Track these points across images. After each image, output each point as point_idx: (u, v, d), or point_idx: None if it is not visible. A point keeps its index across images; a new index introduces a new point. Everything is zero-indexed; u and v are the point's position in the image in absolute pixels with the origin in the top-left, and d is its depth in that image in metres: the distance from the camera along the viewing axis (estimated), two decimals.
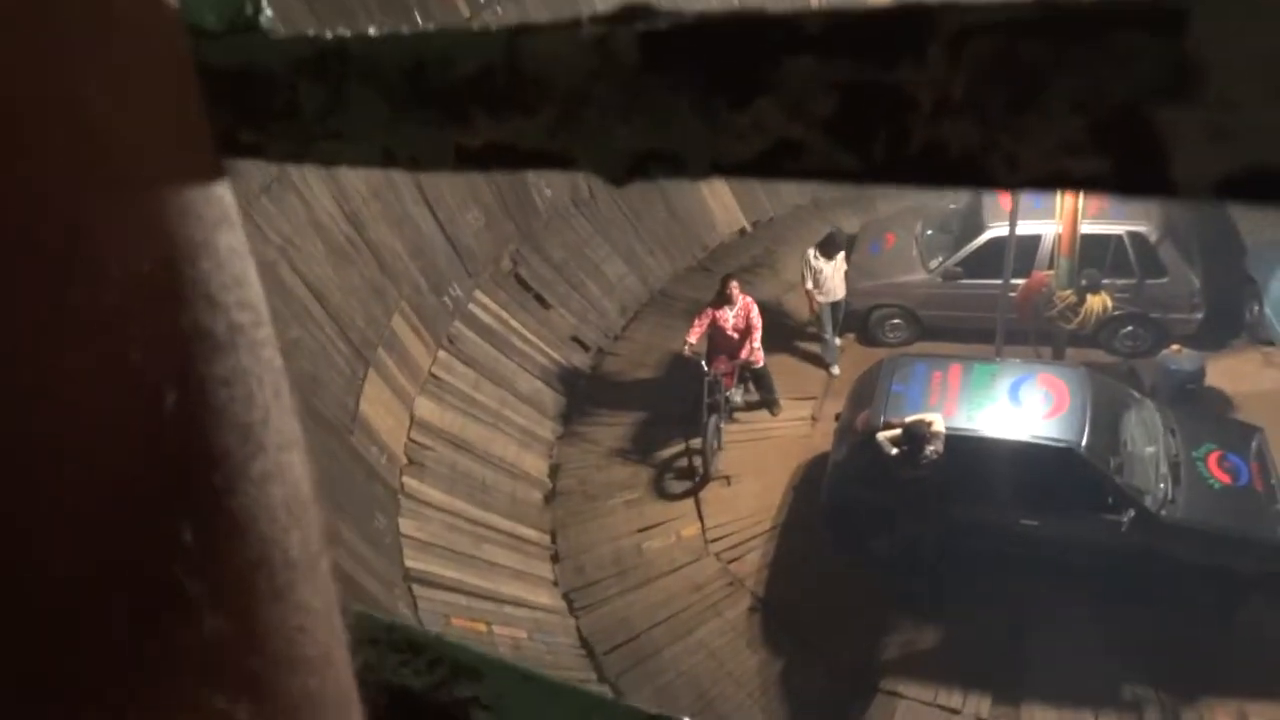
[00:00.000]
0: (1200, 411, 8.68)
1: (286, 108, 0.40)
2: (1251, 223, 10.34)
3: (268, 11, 0.43)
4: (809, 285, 9.76)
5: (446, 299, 9.76)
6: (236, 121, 0.41)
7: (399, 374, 9.02)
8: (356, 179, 8.81)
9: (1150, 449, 7.94)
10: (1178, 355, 8.93)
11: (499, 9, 10.11)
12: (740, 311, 9.10)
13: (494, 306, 10.17)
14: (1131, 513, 7.45)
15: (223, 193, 0.34)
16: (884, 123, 0.29)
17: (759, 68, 0.30)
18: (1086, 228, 9.00)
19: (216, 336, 0.30)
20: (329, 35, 0.39)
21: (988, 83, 0.28)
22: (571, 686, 0.56)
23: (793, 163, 0.31)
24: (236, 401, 0.31)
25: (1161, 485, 7.66)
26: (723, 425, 9.41)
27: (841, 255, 9.83)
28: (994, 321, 9.07)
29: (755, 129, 0.31)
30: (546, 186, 10.80)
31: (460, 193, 9.92)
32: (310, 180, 8.33)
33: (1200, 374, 8.88)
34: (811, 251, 9.79)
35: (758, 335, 9.18)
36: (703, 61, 0.31)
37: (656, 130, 0.33)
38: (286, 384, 0.34)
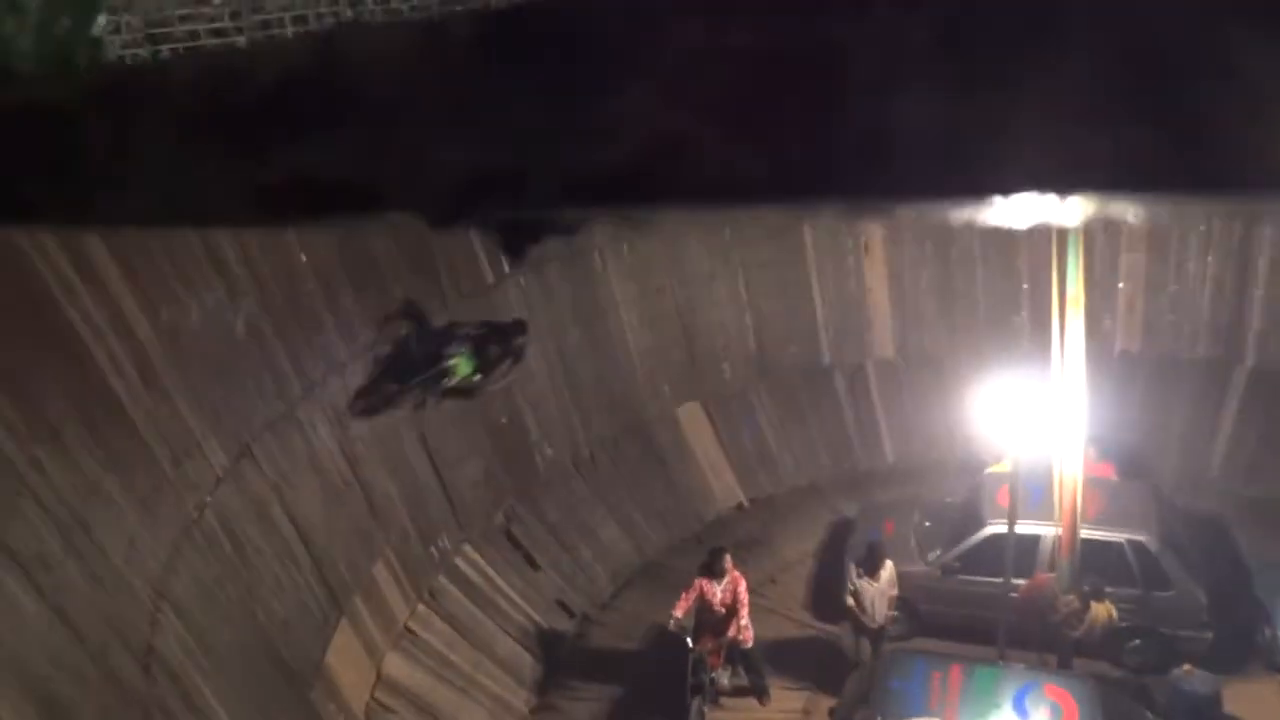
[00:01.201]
0: None
1: (71, 152, 0.34)
2: (1255, 544, 10.23)
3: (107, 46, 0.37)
4: (851, 604, 9.08)
5: (434, 550, 9.54)
6: (17, 171, 0.35)
7: (372, 625, 8.60)
8: (363, 424, 8.94)
9: None
10: (1191, 676, 8.47)
11: None
12: (728, 585, 8.82)
13: (481, 563, 9.91)
14: None
15: None
16: (809, 104, 0.20)
17: (634, 39, 0.22)
18: (1086, 532, 8.91)
19: None
20: (129, 60, 0.34)
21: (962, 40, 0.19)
22: None
23: (674, 173, 0.23)
24: None
25: None
26: (706, 709, 8.79)
27: (889, 571, 9.03)
28: (994, 619, 8.72)
29: (624, 124, 0.22)
30: (549, 446, 10.92)
31: (461, 443, 10.02)
32: (317, 421, 8.46)
33: (1216, 698, 8.37)
34: (853, 569, 9.11)
35: (745, 612, 8.83)
36: (558, 40, 0.23)
37: (492, 141, 0.25)
38: None
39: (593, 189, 0.25)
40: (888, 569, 9.01)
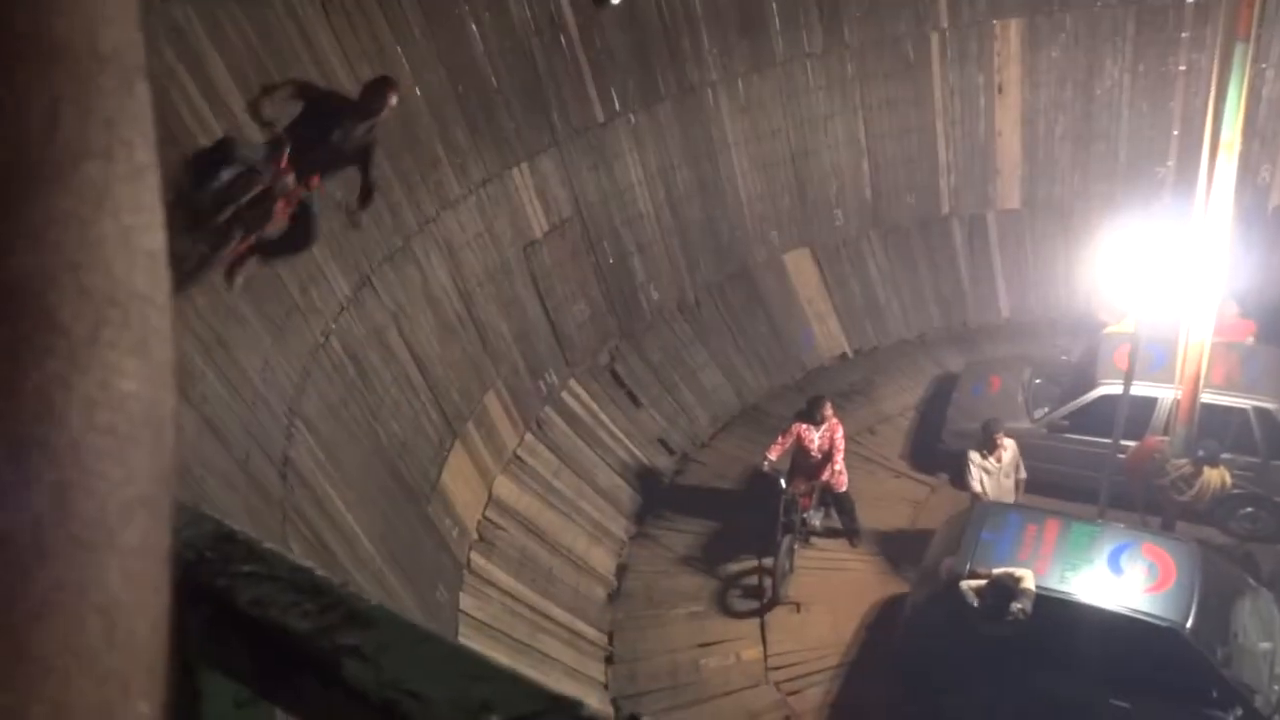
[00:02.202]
0: None
1: None
2: None
3: None
4: (976, 487, 8.62)
5: (542, 384, 9.94)
6: None
7: (484, 450, 9.15)
8: (475, 260, 9.20)
9: (1265, 645, 7.26)
10: None
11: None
12: (826, 432, 8.93)
13: (586, 397, 10.29)
14: (1239, 711, 6.77)
15: None
16: None
17: None
18: (1208, 397, 8.53)
19: None
20: None
21: None
22: (467, 650, 0.53)
23: None
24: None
25: (1276, 687, 6.95)
26: (797, 547, 9.12)
27: (1012, 453, 8.62)
28: (1098, 481, 8.59)
29: None
30: (654, 289, 11.01)
31: (571, 285, 10.22)
32: (432, 255, 8.74)
33: None
34: (974, 454, 8.70)
35: (840, 458, 8.96)
36: None
37: None
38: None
39: None
40: (1010, 450, 8.66)
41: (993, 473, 8.68)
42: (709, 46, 10.59)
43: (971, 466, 8.69)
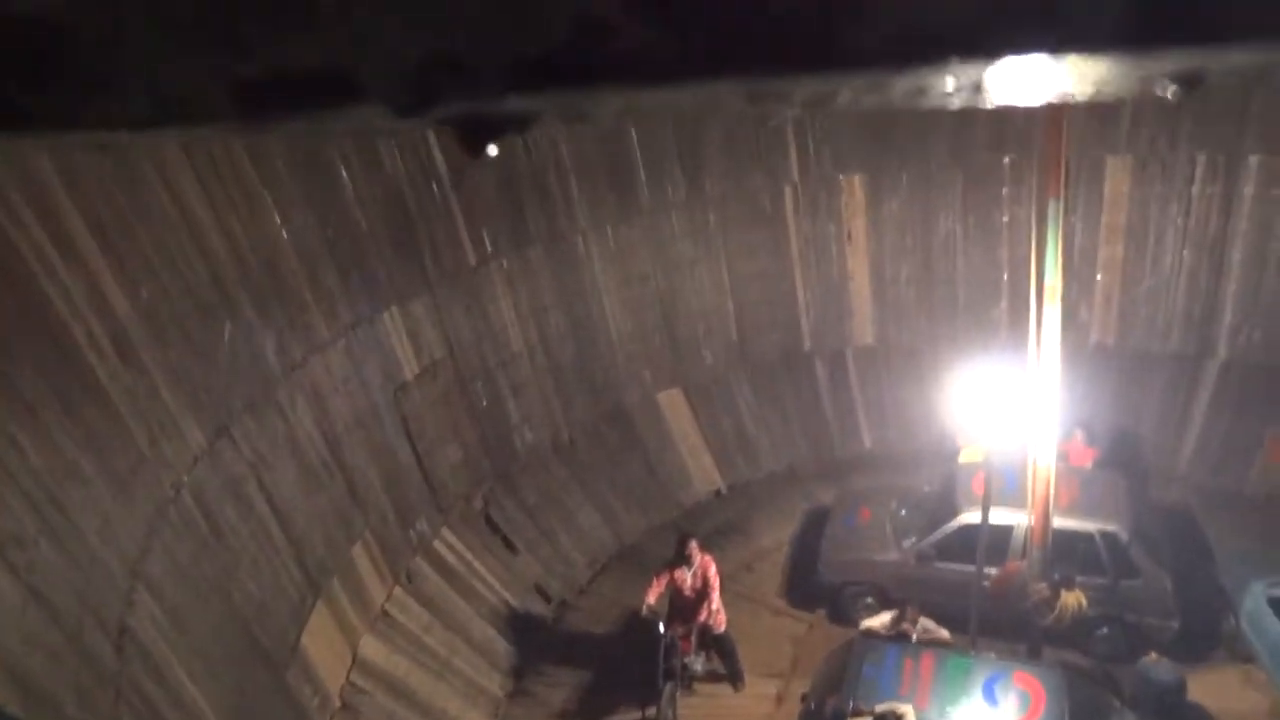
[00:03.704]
0: None
1: (58, 57, 0.35)
2: (1222, 534, 10.43)
3: None
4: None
5: (412, 532, 9.53)
6: (4, 79, 0.36)
7: (349, 608, 8.60)
8: (343, 405, 8.90)
9: None
10: (1156, 664, 8.64)
11: None
12: (698, 571, 8.87)
13: (459, 545, 9.92)
14: None
15: None
16: None
17: None
18: (1058, 522, 9.03)
19: None
20: None
21: None
22: None
23: (599, 55, 0.26)
24: None
25: None
26: (679, 694, 8.87)
27: (922, 625, 8.60)
28: (968, 606, 8.84)
29: (557, 11, 0.26)
30: (529, 430, 10.92)
31: (443, 427, 10.00)
32: (297, 401, 8.40)
33: (1181, 686, 8.55)
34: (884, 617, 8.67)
35: (716, 596, 8.89)
36: None
37: (445, 29, 0.27)
38: None
39: (533, 72, 0.28)
40: (920, 624, 8.66)
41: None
42: (578, 195, 10.99)
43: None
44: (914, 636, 8.46)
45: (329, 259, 8.71)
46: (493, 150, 0.42)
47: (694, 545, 8.93)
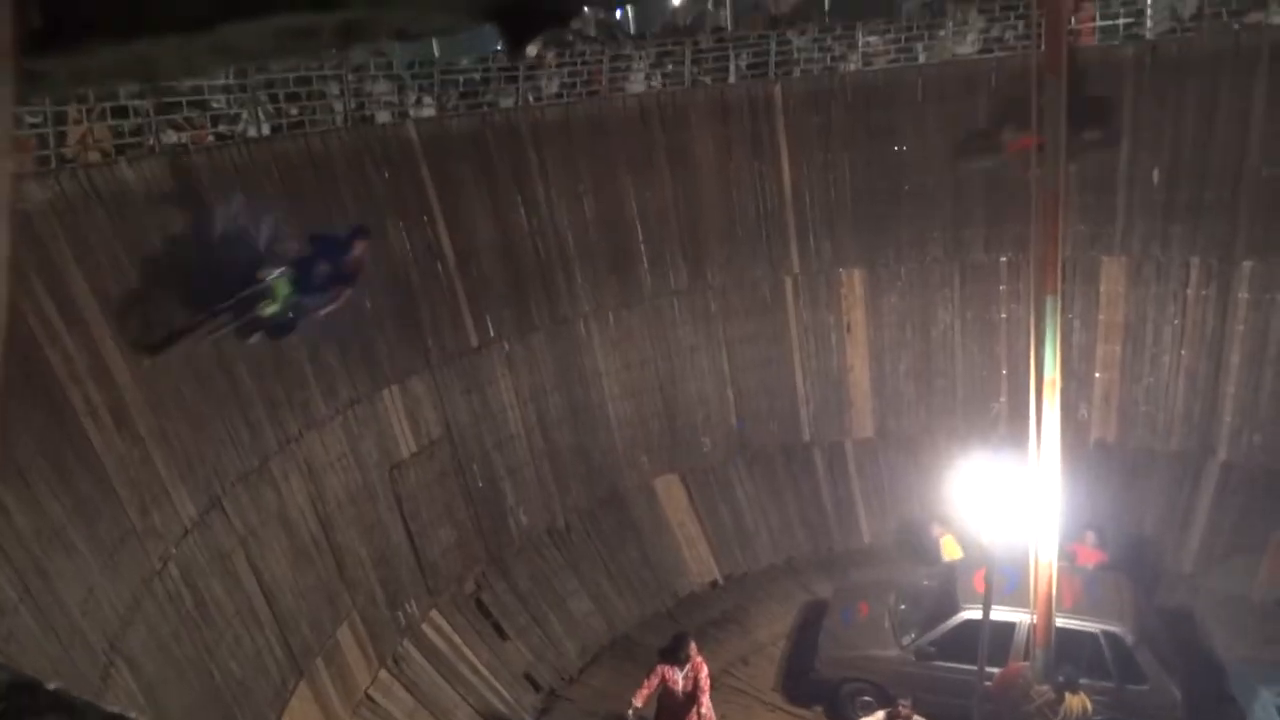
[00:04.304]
0: None
1: None
2: (1226, 635, 10.18)
3: None
4: None
5: (400, 614, 9.34)
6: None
7: (332, 690, 8.36)
8: (337, 482, 8.84)
9: None
10: None
11: None
12: (690, 671, 8.58)
13: (448, 629, 9.70)
14: None
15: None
16: None
17: None
18: (1061, 621, 8.83)
19: None
20: None
21: None
22: None
23: None
24: None
25: None
26: None
27: None
28: (969, 707, 8.56)
29: None
30: (524, 513, 10.81)
31: (437, 507, 9.90)
32: (291, 476, 8.35)
33: None
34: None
35: (706, 700, 8.58)
36: None
37: None
38: None
39: None
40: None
41: None
42: (581, 281, 11.15)
43: None
44: None
45: (329, 335, 8.79)
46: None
47: (691, 645, 8.67)
